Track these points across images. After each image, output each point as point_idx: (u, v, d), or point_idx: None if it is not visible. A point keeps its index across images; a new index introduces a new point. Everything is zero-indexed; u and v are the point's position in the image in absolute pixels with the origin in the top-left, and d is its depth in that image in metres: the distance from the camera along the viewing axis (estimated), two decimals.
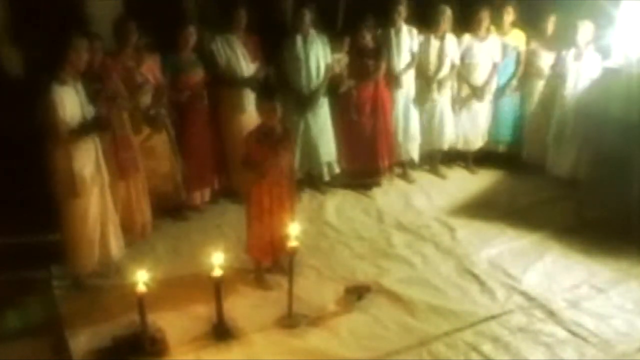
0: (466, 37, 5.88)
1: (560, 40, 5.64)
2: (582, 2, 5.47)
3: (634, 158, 4.77)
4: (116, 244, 4.34)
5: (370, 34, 5.50)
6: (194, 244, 4.72)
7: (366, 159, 5.80)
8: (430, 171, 6.25)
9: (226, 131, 5.34)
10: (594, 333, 3.79)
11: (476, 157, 6.30)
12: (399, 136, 5.91)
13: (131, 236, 4.62)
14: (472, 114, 6.07)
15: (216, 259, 3.57)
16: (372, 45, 5.53)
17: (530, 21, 5.91)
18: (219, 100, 5.25)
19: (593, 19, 5.38)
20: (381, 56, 5.56)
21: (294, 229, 3.80)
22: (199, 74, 5.04)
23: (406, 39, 5.69)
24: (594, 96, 5.31)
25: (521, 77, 5.98)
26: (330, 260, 4.64)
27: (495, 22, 5.87)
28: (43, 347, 3.66)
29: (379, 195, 5.77)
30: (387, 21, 5.64)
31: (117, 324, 3.74)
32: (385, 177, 5.97)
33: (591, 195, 5.24)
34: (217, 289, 3.61)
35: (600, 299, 4.16)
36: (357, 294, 4.12)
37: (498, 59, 5.91)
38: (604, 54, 5.38)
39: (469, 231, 5.08)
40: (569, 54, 5.54)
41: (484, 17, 5.77)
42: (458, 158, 6.34)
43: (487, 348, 3.66)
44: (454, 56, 5.85)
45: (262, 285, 4.27)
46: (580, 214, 5.24)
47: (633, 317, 3.95)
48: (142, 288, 3.35)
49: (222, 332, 3.72)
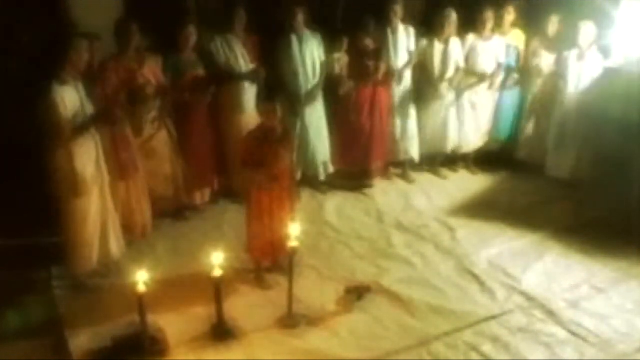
0: (470, 38, 5.85)
1: (562, 41, 5.63)
2: (582, 2, 5.47)
3: (634, 158, 4.78)
4: (116, 243, 4.34)
5: (370, 34, 5.50)
6: (194, 244, 4.71)
7: (359, 160, 5.80)
8: (430, 171, 6.24)
9: (226, 131, 5.33)
10: (594, 333, 3.79)
11: (476, 157, 6.29)
12: (397, 136, 5.90)
13: (131, 236, 4.62)
14: (476, 112, 6.04)
15: (216, 259, 3.57)
16: (372, 46, 5.53)
17: (530, 21, 5.90)
18: (219, 100, 5.25)
19: (593, 19, 5.38)
20: (381, 57, 5.55)
21: (294, 229, 3.79)
22: (200, 73, 5.02)
23: (403, 38, 5.67)
24: (594, 96, 5.31)
25: (521, 77, 5.96)
26: (330, 260, 4.65)
27: (496, 21, 5.85)
28: (43, 347, 3.66)
29: (379, 195, 5.77)
30: (383, 21, 5.63)
31: (117, 324, 3.74)
32: (377, 179, 5.96)
33: (591, 195, 5.24)
34: (217, 289, 3.61)
35: (600, 299, 4.16)
36: (357, 294, 4.13)
37: (502, 59, 5.88)
38: (604, 54, 5.39)
39: (469, 231, 5.08)
40: (571, 55, 5.51)
41: (488, 17, 5.74)
42: (458, 159, 6.33)
43: (487, 348, 3.66)
44: (459, 58, 5.83)
45: (262, 285, 4.28)
46: (580, 214, 5.24)
47: (633, 317, 3.96)
48: (142, 288, 3.35)
49: (222, 332, 3.73)
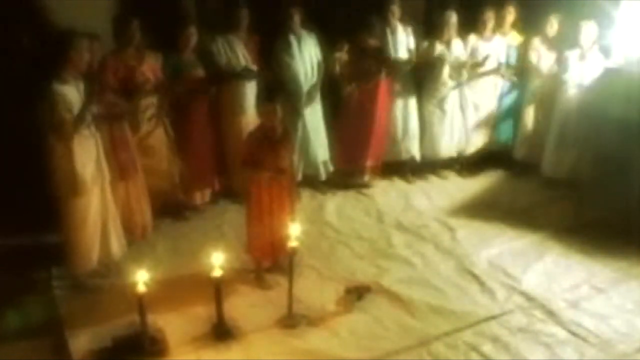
0: (472, 38, 5.84)
1: (562, 41, 5.62)
2: (582, 2, 5.46)
3: (634, 158, 4.77)
4: (117, 243, 4.34)
5: (372, 35, 5.50)
6: (194, 244, 4.72)
7: (357, 158, 5.81)
8: (431, 171, 6.23)
9: (226, 132, 5.33)
10: (594, 333, 3.79)
11: (476, 158, 6.28)
12: (398, 135, 5.90)
13: (131, 237, 4.62)
14: (478, 113, 6.02)
15: (216, 259, 3.56)
16: (374, 46, 5.53)
17: (530, 21, 5.89)
18: (219, 101, 5.24)
19: (593, 19, 5.37)
20: (383, 57, 5.55)
21: (294, 229, 3.79)
22: (199, 74, 5.02)
23: (402, 38, 5.67)
24: (594, 96, 5.31)
25: (520, 77, 5.95)
26: (330, 260, 4.65)
27: (497, 21, 5.84)
28: (43, 347, 3.65)
29: (379, 195, 5.77)
30: (382, 21, 5.62)
31: (117, 324, 3.74)
32: (377, 179, 5.96)
33: (591, 195, 5.24)
34: (217, 289, 3.61)
35: (600, 299, 4.16)
36: (357, 294, 4.13)
37: (503, 59, 5.87)
38: (605, 54, 5.38)
39: (469, 231, 5.08)
40: (573, 55, 5.49)
41: (489, 17, 5.74)
42: (454, 162, 6.29)
43: (487, 348, 3.66)
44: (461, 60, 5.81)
45: (262, 285, 4.28)
46: (580, 214, 5.23)
47: (633, 317, 3.96)
48: (142, 288, 3.35)
49: (222, 332, 3.72)
